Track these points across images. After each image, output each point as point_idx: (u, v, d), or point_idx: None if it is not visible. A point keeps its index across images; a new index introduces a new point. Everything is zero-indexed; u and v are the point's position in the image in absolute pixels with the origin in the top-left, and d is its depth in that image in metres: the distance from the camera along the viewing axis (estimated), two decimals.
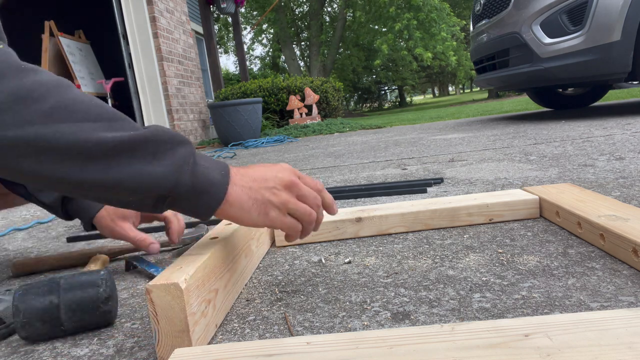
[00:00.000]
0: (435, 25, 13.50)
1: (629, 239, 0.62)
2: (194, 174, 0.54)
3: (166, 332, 0.51)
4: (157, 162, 0.52)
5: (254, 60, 25.77)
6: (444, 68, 17.46)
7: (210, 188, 0.55)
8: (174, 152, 0.53)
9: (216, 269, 0.61)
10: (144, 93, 4.63)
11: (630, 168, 1.26)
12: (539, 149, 1.84)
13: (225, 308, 0.63)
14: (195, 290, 0.53)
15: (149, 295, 0.50)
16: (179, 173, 0.52)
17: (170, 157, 0.52)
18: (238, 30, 7.32)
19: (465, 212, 0.89)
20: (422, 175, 1.54)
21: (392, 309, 0.58)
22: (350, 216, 0.90)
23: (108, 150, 0.49)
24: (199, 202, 0.55)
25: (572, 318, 0.42)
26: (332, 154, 2.61)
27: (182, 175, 0.53)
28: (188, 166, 0.53)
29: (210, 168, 0.56)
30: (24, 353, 0.59)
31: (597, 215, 0.72)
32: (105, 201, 0.55)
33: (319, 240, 0.90)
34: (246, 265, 0.74)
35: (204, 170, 0.55)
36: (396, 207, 0.92)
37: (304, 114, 5.88)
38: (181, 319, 0.50)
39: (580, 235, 0.75)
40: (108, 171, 0.49)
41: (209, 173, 0.55)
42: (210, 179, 0.55)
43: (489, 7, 3.20)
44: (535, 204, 0.89)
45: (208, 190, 0.55)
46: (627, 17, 2.36)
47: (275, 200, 0.59)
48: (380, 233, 0.90)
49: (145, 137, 0.51)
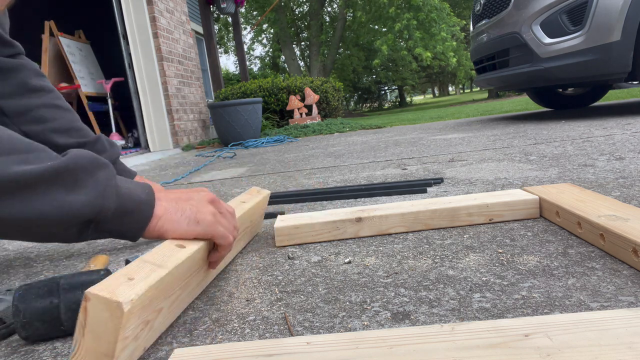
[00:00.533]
0: (435, 25, 13.50)
1: (629, 239, 0.62)
2: (119, 196, 0.53)
3: (88, 348, 0.44)
4: (79, 189, 0.50)
5: (254, 60, 25.77)
6: (444, 68, 17.46)
7: (137, 206, 0.55)
8: (95, 177, 0.52)
9: (170, 286, 0.53)
10: (144, 93, 4.63)
11: (630, 168, 1.26)
12: (539, 149, 1.83)
13: (162, 327, 0.56)
14: (139, 311, 0.46)
15: (85, 302, 0.43)
16: (103, 197, 0.52)
17: (92, 183, 0.51)
18: (238, 30, 7.32)
19: (465, 212, 0.89)
20: (422, 175, 1.54)
21: (392, 309, 0.58)
22: (350, 216, 0.90)
23: (24, 184, 0.47)
24: (127, 222, 0.54)
25: (572, 318, 0.42)
26: (332, 154, 2.61)
27: (107, 199, 0.52)
28: (111, 188, 0.53)
29: (133, 189, 0.56)
30: (24, 353, 0.59)
31: (597, 215, 0.72)
32: (29, 236, 0.52)
33: (319, 240, 0.90)
34: (203, 279, 0.68)
35: (128, 191, 0.55)
36: (396, 207, 0.92)
37: (304, 114, 5.87)
38: (110, 341, 0.43)
39: (580, 235, 0.75)
40: (28, 205, 0.47)
41: (133, 193, 0.55)
42: (136, 198, 0.55)
43: (489, 7, 3.20)
44: (535, 204, 0.89)
45: (135, 209, 0.54)
46: (627, 17, 2.36)
47: (203, 210, 0.60)
48: (381, 233, 0.90)
49: (64, 165, 0.50)
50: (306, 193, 1.38)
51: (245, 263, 0.84)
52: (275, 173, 2.05)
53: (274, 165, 2.42)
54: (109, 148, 0.97)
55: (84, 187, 0.51)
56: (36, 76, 0.91)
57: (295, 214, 0.98)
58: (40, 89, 0.90)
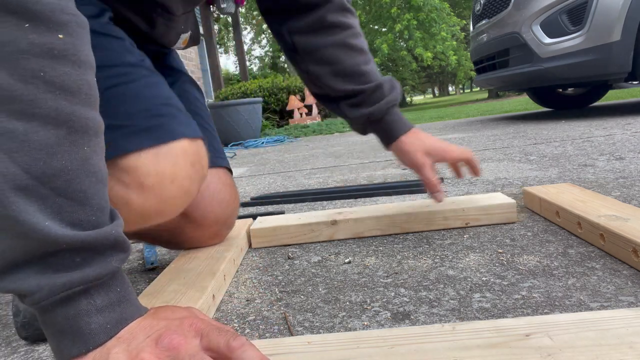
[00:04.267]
0: (435, 25, 13.51)
1: (629, 239, 0.62)
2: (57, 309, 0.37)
3: None
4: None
5: (254, 60, 25.77)
6: (444, 68, 17.47)
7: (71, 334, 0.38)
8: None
9: None
10: None
11: (630, 168, 1.26)
12: (539, 149, 1.84)
13: None
14: None
15: None
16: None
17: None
18: (238, 30, 7.32)
19: (441, 217, 0.88)
20: None
21: (392, 309, 0.58)
22: (325, 219, 0.90)
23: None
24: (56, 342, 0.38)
25: (572, 318, 0.42)
26: (332, 154, 2.61)
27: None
28: (61, 294, 0.37)
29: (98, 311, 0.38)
30: (24, 353, 0.59)
31: (597, 215, 0.72)
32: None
33: (292, 242, 0.91)
34: None
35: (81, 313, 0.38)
36: (372, 210, 0.92)
37: (304, 113, 5.88)
38: None
39: (580, 235, 0.75)
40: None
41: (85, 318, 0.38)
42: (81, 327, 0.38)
43: (489, 7, 3.20)
44: (512, 207, 0.88)
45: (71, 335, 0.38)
46: (627, 17, 2.36)
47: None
48: (356, 236, 0.90)
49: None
50: (306, 193, 1.38)
51: (245, 263, 0.84)
52: (275, 173, 2.05)
53: (274, 165, 2.42)
54: (388, 93, 0.84)
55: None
56: (336, 11, 0.82)
57: (273, 217, 0.99)
58: (336, 25, 0.82)
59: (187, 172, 0.60)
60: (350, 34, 0.83)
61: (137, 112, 0.58)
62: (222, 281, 0.69)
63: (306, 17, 0.81)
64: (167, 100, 0.62)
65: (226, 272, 0.72)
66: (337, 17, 0.82)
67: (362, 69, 0.83)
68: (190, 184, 0.61)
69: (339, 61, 0.82)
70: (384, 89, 0.82)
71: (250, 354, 0.37)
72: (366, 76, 0.83)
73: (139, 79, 0.61)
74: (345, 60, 0.82)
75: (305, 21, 0.81)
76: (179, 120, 0.61)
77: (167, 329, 0.39)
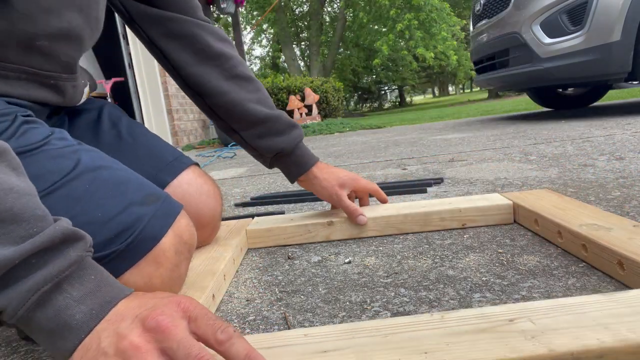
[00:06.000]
0: (436, 25, 13.51)
1: (614, 250, 0.58)
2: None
3: None
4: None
5: (254, 60, 25.77)
6: (444, 68, 17.46)
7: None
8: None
9: None
10: (144, 93, 4.63)
11: (630, 168, 1.26)
12: (539, 149, 1.84)
13: None
14: None
15: None
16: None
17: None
18: (238, 30, 7.32)
19: (437, 217, 0.88)
20: (422, 175, 1.54)
21: (392, 309, 0.58)
22: (322, 220, 0.90)
23: None
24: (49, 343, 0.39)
25: (552, 303, 0.45)
26: (332, 154, 2.61)
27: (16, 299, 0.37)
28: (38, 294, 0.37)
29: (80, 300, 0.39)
30: (24, 353, 0.59)
31: (578, 224, 0.68)
32: None
33: (288, 243, 0.91)
34: None
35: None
36: (369, 211, 0.92)
37: (304, 114, 5.88)
38: None
39: (560, 245, 0.72)
40: None
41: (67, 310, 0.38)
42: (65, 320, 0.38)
43: (489, 7, 3.20)
44: (508, 209, 0.87)
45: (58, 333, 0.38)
46: (627, 17, 2.36)
47: (116, 345, 0.38)
48: (352, 237, 0.90)
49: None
50: (306, 193, 1.38)
51: (245, 263, 0.84)
52: (275, 173, 2.05)
53: None
54: (287, 130, 0.86)
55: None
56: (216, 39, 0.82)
57: (270, 217, 0.98)
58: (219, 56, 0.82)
59: (172, 263, 0.54)
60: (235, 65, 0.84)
61: (102, 227, 0.49)
62: (222, 281, 0.69)
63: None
64: (125, 198, 0.52)
65: (226, 272, 0.72)
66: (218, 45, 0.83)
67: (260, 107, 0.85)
68: (179, 267, 0.56)
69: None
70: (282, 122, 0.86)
71: (238, 347, 0.37)
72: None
73: (82, 186, 0.51)
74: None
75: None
76: (148, 221, 0.52)
77: (155, 309, 0.38)
